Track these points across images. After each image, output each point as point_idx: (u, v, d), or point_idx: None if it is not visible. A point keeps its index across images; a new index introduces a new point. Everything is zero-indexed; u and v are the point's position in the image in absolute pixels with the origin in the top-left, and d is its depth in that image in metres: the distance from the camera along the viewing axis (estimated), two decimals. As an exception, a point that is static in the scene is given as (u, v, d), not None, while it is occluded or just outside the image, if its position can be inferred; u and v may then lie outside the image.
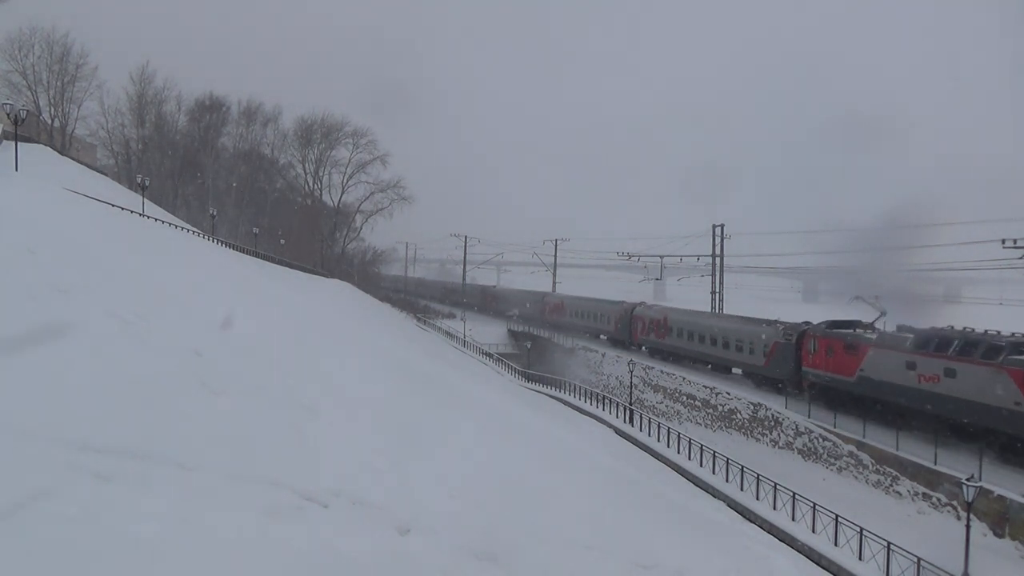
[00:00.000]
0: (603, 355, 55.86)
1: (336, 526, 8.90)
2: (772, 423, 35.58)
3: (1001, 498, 23.15)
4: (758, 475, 26.88)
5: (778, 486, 25.59)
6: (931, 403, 28.19)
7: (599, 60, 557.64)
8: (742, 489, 27.48)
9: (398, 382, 23.78)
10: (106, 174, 66.14)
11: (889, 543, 20.28)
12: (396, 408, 18.22)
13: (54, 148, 60.01)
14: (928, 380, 28.33)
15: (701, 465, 31.01)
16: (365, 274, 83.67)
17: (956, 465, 25.33)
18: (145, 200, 44.66)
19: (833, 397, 33.75)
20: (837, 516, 22.40)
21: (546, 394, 48.91)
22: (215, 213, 59.54)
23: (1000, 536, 23.17)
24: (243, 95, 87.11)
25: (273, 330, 22.35)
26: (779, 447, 34.68)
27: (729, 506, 26.84)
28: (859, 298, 36.17)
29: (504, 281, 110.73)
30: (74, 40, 65.69)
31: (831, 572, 21.48)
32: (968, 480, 20.42)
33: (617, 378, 51.62)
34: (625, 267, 78.31)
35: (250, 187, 79.08)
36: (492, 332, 71.99)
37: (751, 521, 25.28)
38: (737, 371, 43.94)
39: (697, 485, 29.58)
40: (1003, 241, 31.85)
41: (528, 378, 55.05)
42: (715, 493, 28.26)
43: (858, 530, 21.38)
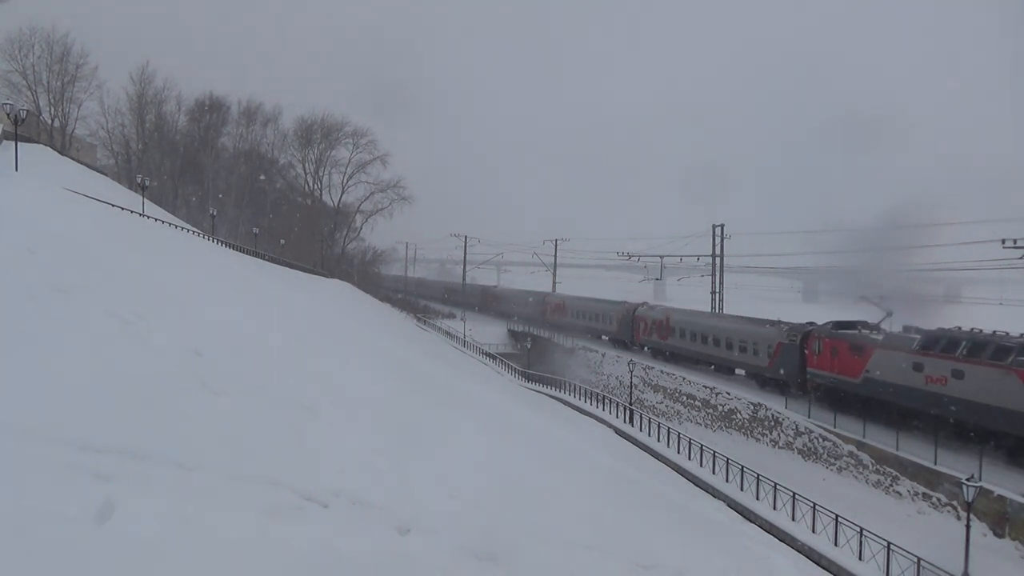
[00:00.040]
0: (603, 355, 55.86)
1: (336, 526, 8.89)
2: (772, 423, 35.58)
3: (1001, 498, 23.16)
4: (758, 475, 26.88)
5: (778, 486, 25.59)
6: (938, 405, 27.80)
7: (599, 60, 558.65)
8: (742, 489, 27.49)
9: (398, 382, 23.77)
10: (106, 174, 66.16)
11: (889, 543, 20.29)
12: (396, 408, 18.22)
13: (54, 148, 60.04)
14: (935, 382, 27.93)
15: (701, 465, 31.01)
16: (365, 274, 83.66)
17: (956, 465, 25.32)
18: (145, 200, 44.68)
19: (838, 399, 33.48)
20: (837, 516, 22.41)
21: (546, 394, 48.92)
22: (215, 213, 59.57)
23: (1000, 536, 23.17)
24: (243, 95, 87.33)
25: (273, 330, 22.34)
26: (779, 447, 34.69)
27: (729, 506, 26.84)
28: (864, 298, 35.83)
29: (504, 281, 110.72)
30: (74, 40, 65.89)
31: (831, 572, 21.49)
32: (968, 480, 20.42)
33: (617, 378, 51.62)
34: (625, 267, 78.31)
35: (250, 187, 79.09)
36: (492, 332, 72.01)
37: (751, 521, 25.29)
38: (740, 372, 43.70)
39: (697, 485, 29.59)
40: (1003, 241, 31.77)
41: (528, 378, 55.05)
42: (715, 493, 28.26)
43: (858, 530, 21.38)
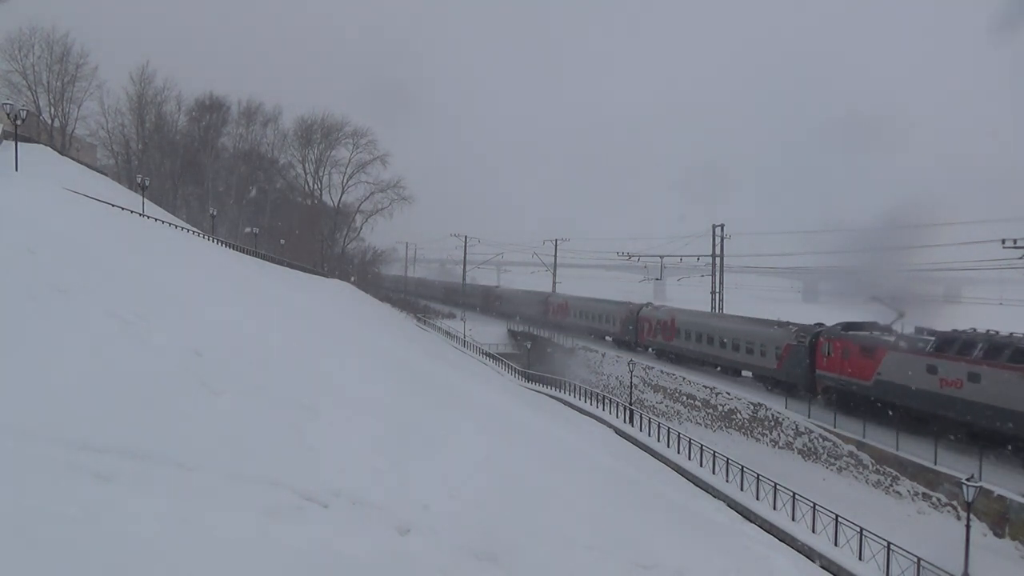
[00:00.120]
0: (603, 355, 55.84)
1: (336, 526, 8.90)
2: (772, 423, 35.56)
3: (1001, 498, 23.14)
4: (758, 475, 26.88)
5: (778, 486, 25.58)
6: (954, 409, 27.16)
7: (599, 60, 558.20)
8: (742, 489, 27.48)
9: (398, 382, 23.77)
10: (106, 174, 66.15)
11: (889, 543, 20.29)
12: (396, 408, 18.22)
13: (54, 148, 60.01)
14: (950, 385, 27.24)
15: (701, 465, 31.01)
16: (365, 274, 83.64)
17: (956, 465, 25.29)
18: (145, 200, 44.67)
19: (849, 402, 32.89)
20: (837, 516, 22.40)
21: (546, 394, 48.90)
22: (215, 213, 59.57)
23: (1000, 536, 23.16)
24: (243, 95, 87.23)
25: (273, 330, 22.34)
26: (779, 447, 34.68)
27: (729, 506, 26.83)
28: (876, 299, 35.05)
29: (504, 281, 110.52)
30: (74, 40, 65.86)
31: (831, 572, 21.48)
32: (968, 480, 20.40)
33: (617, 378, 51.61)
34: (625, 267, 78.29)
35: (250, 187, 79.11)
36: (492, 332, 72.03)
37: (751, 521, 25.29)
38: (747, 374, 43.06)
39: (697, 485, 29.57)
40: (1003, 241, 31.60)
41: (528, 378, 55.03)
42: (715, 493, 28.25)
43: (858, 530, 21.37)
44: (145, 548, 6.61)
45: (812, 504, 23.59)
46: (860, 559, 21.09)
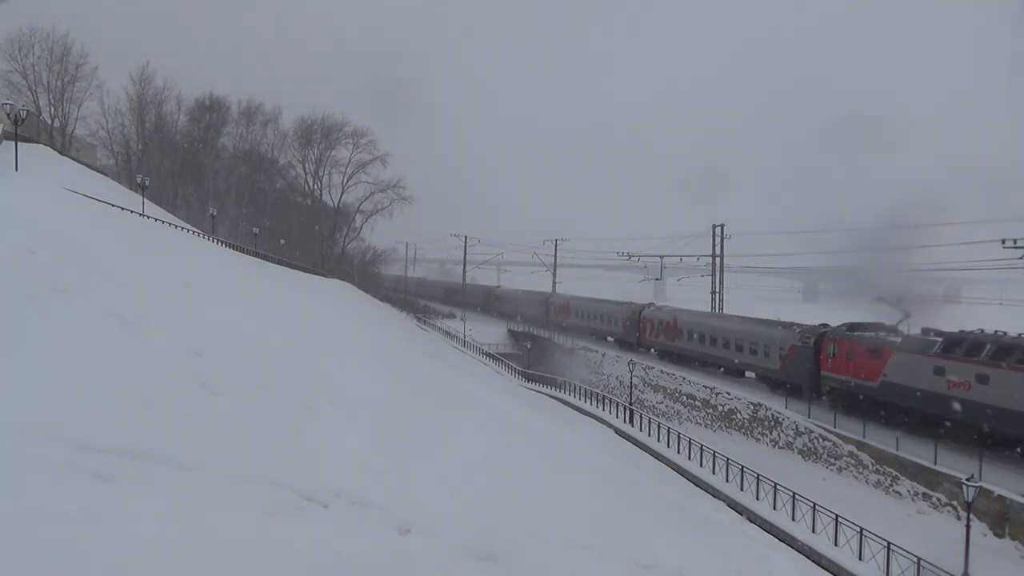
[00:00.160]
0: (603, 355, 55.83)
1: (336, 526, 8.89)
2: (772, 423, 35.56)
3: (1001, 498, 23.15)
4: (758, 475, 26.88)
5: (778, 486, 25.59)
6: (962, 411, 26.88)
7: (599, 60, 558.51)
8: (742, 489, 27.49)
9: (398, 382, 23.77)
10: (106, 174, 66.12)
11: (889, 543, 20.30)
12: (396, 408, 18.22)
13: (54, 148, 59.99)
14: (958, 386, 27.01)
15: (701, 465, 31.01)
16: (365, 274, 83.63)
17: (956, 465, 25.31)
18: (145, 200, 44.66)
19: (854, 403, 32.67)
20: (837, 516, 22.41)
21: (546, 394, 48.91)
22: (215, 213, 59.56)
23: (1000, 536, 23.17)
24: (243, 95, 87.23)
25: (273, 330, 22.34)
26: (779, 447, 34.68)
27: (729, 506, 26.84)
28: (882, 299, 34.85)
29: (504, 281, 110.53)
30: (74, 40, 65.82)
31: (831, 572, 21.49)
32: (968, 480, 20.40)
33: (617, 378, 51.61)
34: (625, 267, 78.36)
35: (250, 187, 79.09)
36: (492, 332, 72.01)
37: (751, 521, 25.29)
38: (751, 375, 42.92)
39: (697, 485, 29.58)
40: (1003, 241, 31.59)
41: (528, 378, 55.02)
42: (715, 493, 28.26)
43: (858, 530, 21.39)
44: (145, 548, 6.60)
45: (812, 504, 23.60)
46: (860, 559, 21.11)
